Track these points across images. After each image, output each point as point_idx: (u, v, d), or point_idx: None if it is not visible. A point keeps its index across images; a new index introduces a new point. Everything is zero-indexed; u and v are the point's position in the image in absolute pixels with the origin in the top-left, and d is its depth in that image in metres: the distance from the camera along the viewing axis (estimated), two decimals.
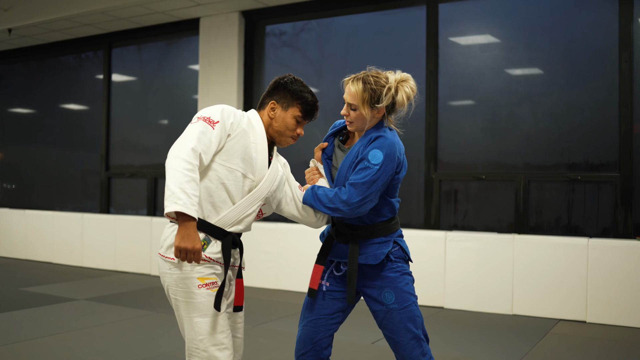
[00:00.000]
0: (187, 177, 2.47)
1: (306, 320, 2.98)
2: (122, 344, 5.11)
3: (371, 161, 2.77)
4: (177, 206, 2.43)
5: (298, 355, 2.98)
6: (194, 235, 2.48)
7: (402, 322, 2.87)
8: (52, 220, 9.86)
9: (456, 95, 7.20)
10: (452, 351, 4.92)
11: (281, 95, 2.85)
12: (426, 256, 6.68)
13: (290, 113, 2.84)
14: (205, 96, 8.40)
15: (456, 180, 7.06)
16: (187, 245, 2.46)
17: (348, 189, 2.77)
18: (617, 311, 5.93)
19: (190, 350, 2.65)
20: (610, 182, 6.28)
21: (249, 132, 2.74)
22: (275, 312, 6.36)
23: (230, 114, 2.69)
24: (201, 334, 2.61)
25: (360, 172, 2.78)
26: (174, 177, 2.46)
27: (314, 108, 2.92)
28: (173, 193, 2.44)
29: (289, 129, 2.85)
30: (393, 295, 2.88)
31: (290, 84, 2.86)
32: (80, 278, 8.41)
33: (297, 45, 8.26)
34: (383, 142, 2.80)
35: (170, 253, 2.65)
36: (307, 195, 2.91)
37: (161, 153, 9.37)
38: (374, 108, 2.82)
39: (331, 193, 2.83)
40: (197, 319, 2.62)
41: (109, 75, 9.82)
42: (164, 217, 8.80)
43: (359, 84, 2.85)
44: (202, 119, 2.63)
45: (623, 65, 6.21)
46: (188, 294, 2.63)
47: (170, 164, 2.50)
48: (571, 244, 6.16)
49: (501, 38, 6.98)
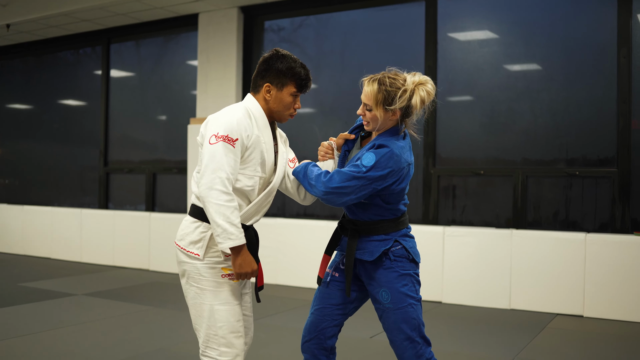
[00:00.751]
0: (230, 208, 2.58)
1: (314, 308, 3.04)
2: (121, 338, 5.12)
3: (362, 162, 2.77)
4: (232, 242, 2.59)
5: (303, 341, 3.03)
6: (249, 259, 2.66)
7: (396, 323, 2.88)
8: (50, 215, 9.86)
9: (455, 91, 7.21)
10: (450, 346, 4.94)
11: (274, 76, 2.83)
12: (424, 251, 6.66)
13: (286, 92, 2.84)
14: (204, 92, 8.40)
15: (454, 176, 7.07)
16: (247, 270, 2.67)
17: (332, 173, 2.81)
18: (615, 306, 5.94)
19: (208, 337, 2.72)
20: (608, 178, 6.29)
21: (259, 134, 2.76)
22: (273, 306, 6.37)
23: (242, 125, 2.70)
24: (221, 321, 2.70)
25: (349, 167, 2.82)
26: (219, 212, 2.57)
27: (307, 80, 2.89)
28: (225, 230, 2.57)
29: (287, 107, 2.87)
30: (389, 295, 2.88)
31: (280, 62, 2.82)
32: (78, 273, 8.42)
33: (295, 41, 8.26)
34: (381, 151, 2.76)
35: (193, 249, 2.75)
36: (299, 168, 2.93)
37: (160, 149, 9.37)
38: (388, 110, 2.80)
39: (319, 172, 2.86)
40: (218, 307, 2.71)
41: (107, 71, 9.81)
42: (162, 213, 8.81)
43: (374, 84, 2.81)
44: (222, 139, 2.64)
45: (621, 61, 6.22)
46: (212, 283, 2.73)
47: (209, 197, 2.58)
48: (569, 239, 6.18)
49: (500, 34, 6.99)
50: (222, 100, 8.22)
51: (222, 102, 8.20)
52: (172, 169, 9.03)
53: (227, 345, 2.70)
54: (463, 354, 4.78)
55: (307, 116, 8.11)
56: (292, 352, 4.68)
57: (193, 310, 2.77)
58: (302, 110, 8.16)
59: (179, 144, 8.91)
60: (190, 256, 2.74)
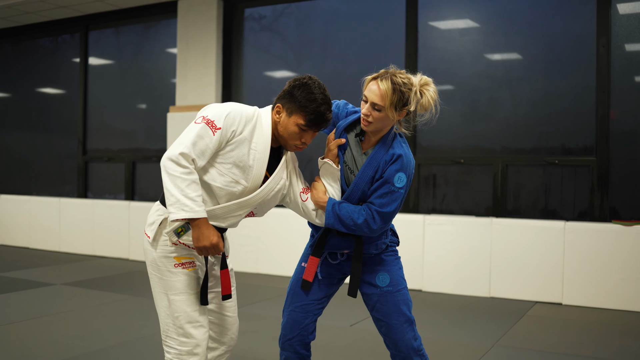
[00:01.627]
0: (186, 180, 2.47)
1: (294, 305, 2.94)
2: (101, 328, 5.09)
3: (396, 184, 2.70)
4: (185, 213, 2.47)
5: (284, 340, 2.94)
6: (207, 232, 2.54)
7: (397, 305, 2.87)
8: (28, 205, 9.76)
9: (435, 80, 7.16)
10: (430, 333, 4.96)
11: (288, 99, 2.65)
12: (405, 239, 6.65)
13: (292, 120, 2.63)
14: (184, 80, 8.33)
15: (435, 165, 7.09)
16: (205, 244, 2.54)
17: (376, 217, 2.70)
18: (593, 294, 6.00)
19: (167, 326, 2.67)
20: (587, 167, 6.34)
21: (251, 139, 2.62)
22: (254, 296, 6.36)
23: (234, 119, 2.57)
24: (177, 311, 2.64)
25: (386, 197, 2.71)
26: (174, 182, 2.46)
27: (320, 118, 2.64)
28: (178, 200, 2.46)
29: (292, 136, 2.65)
30: (388, 278, 2.89)
31: (299, 88, 2.64)
32: (57, 263, 8.35)
33: (276, 30, 8.21)
34: (406, 163, 2.73)
35: (147, 230, 2.72)
36: (329, 216, 2.75)
37: (139, 137, 9.30)
38: (400, 111, 2.70)
39: (356, 216, 2.71)
40: (172, 297, 2.65)
41: (85, 58, 9.70)
42: (142, 202, 8.76)
43: (388, 83, 2.64)
44: (206, 122, 2.53)
45: (601, 50, 6.25)
46: (165, 273, 2.66)
47: (166, 166, 2.49)
48: (548, 228, 6.22)
49: (480, 23, 6.99)
50: (201, 88, 8.17)
51: (202, 90, 8.15)
52: (151, 158, 8.96)
53: (185, 335, 2.64)
54: (443, 341, 4.80)
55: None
56: (273, 340, 4.68)
57: (154, 299, 2.74)
58: None
59: (158, 133, 8.85)
60: (149, 244, 2.70)
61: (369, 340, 4.77)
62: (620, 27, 6.23)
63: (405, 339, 2.87)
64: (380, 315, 2.90)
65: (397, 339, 2.87)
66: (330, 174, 2.81)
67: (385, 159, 2.74)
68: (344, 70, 7.69)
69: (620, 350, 4.66)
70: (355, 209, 2.74)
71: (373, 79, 2.71)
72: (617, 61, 6.24)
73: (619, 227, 5.95)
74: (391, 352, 2.94)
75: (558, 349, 4.65)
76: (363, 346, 4.66)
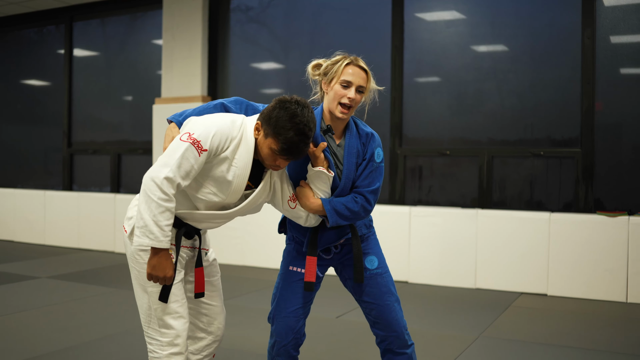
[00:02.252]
0: (161, 207, 2.41)
1: (287, 311, 2.90)
2: (86, 321, 5.07)
3: (377, 160, 2.78)
4: (149, 241, 2.43)
5: (279, 347, 2.90)
6: (165, 263, 2.49)
7: (387, 286, 2.91)
8: (13, 197, 9.69)
9: (421, 71, 7.21)
10: (416, 325, 4.97)
11: (266, 120, 2.54)
12: (391, 231, 6.73)
13: (267, 142, 2.53)
14: (169, 71, 8.29)
15: (421, 156, 7.09)
16: (159, 274, 2.50)
17: (369, 197, 2.77)
18: (577, 284, 6.04)
19: (149, 317, 2.67)
20: (572, 158, 6.37)
21: (233, 157, 2.55)
22: (241, 288, 6.36)
23: (220, 140, 2.49)
24: (155, 303, 2.63)
25: (371, 176, 2.78)
26: (148, 205, 2.41)
27: (294, 150, 2.51)
28: (146, 225, 2.42)
29: (267, 157, 2.56)
30: (376, 260, 2.93)
31: (279, 110, 2.52)
32: (42, 256, 8.31)
33: (263, 21, 8.18)
34: (378, 138, 2.84)
35: (125, 223, 2.70)
36: (331, 215, 2.73)
37: (124, 129, 9.25)
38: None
39: (352, 205, 2.75)
40: (150, 289, 2.63)
41: (70, 50, 9.63)
42: (127, 194, 8.72)
43: (364, 64, 2.77)
44: (192, 142, 2.44)
45: (586, 42, 6.28)
46: (142, 265, 2.62)
47: (147, 187, 2.43)
48: (533, 219, 6.25)
49: (466, 14, 6.99)
50: (187, 79, 8.13)
51: (188, 81, 8.11)
52: (137, 150, 8.92)
53: (165, 326, 2.63)
54: (429, 332, 4.82)
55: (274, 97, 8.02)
56: (261, 332, 4.68)
57: (134, 291, 2.73)
58: (269, 91, 8.13)
59: (144, 125, 8.80)
60: (127, 237, 2.68)
61: (355, 331, 4.78)
62: (605, 18, 6.26)
63: (397, 318, 2.91)
64: (371, 298, 2.90)
65: (390, 319, 2.90)
66: (321, 180, 2.76)
67: (361, 142, 2.80)
68: None
69: (605, 340, 4.69)
70: (348, 200, 2.76)
71: (348, 64, 2.75)
72: (602, 53, 6.27)
73: (604, 218, 5.99)
74: (381, 336, 2.93)
75: (543, 339, 4.68)
76: (349, 337, 4.67)
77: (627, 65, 6.31)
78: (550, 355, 4.31)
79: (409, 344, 2.95)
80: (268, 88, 8.14)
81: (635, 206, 6.12)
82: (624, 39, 6.31)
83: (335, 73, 2.75)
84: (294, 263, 2.93)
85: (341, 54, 2.79)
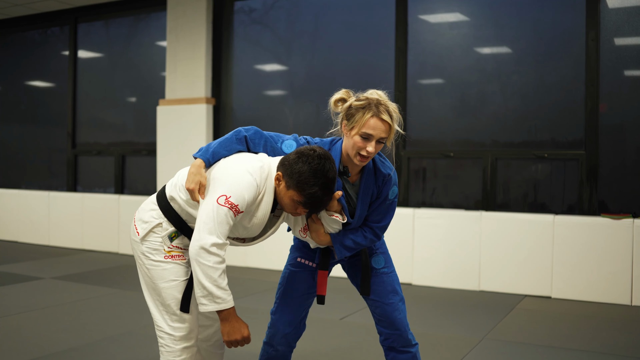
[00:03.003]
0: (218, 270, 2.47)
1: (293, 301, 2.96)
2: (89, 321, 5.07)
3: (390, 197, 2.80)
4: (217, 305, 2.48)
5: (281, 337, 2.96)
6: (237, 324, 2.54)
7: (392, 285, 2.94)
8: (17, 198, 9.71)
9: (425, 73, 7.21)
10: (420, 327, 4.97)
11: (288, 172, 2.54)
12: (394, 233, 6.70)
13: (289, 194, 2.55)
14: (173, 72, 8.29)
15: (424, 158, 7.09)
16: (237, 338, 2.55)
17: (378, 232, 2.83)
18: (582, 287, 6.03)
19: (160, 313, 2.72)
20: (576, 160, 6.35)
21: (256, 211, 2.60)
22: (243, 289, 6.36)
23: (251, 197, 2.53)
24: (168, 299, 2.68)
25: (383, 212, 2.82)
26: (206, 273, 2.45)
27: (318, 203, 2.55)
28: (211, 293, 2.46)
29: (288, 207, 2.61)
30: (383, 260, 2.97)
31: (302, 164, 2.51)
32: (46, 257, 8.31)
33: (267, 23, 8.18)
34: (394, 176, 2.83)
35: (138, 225, 2.76)
36: (340, 251, 2.79)
37: (128, 130, 9.26)
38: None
39: (361, 240, 2.80)
40: (163, 285, 2.69)
41: (74, 51, 9.64)
42: (131, 195, 8.73)
43: (386, 115, 2.61)
44: (230, 206, 2.48)
45: (590, 43, 6.26)
46: (153, 263, 2.71)
47: (199, 257, 2.46)
48: (537, 221, 6.24)
49: (470, 16, 6.99)
50: (191, 80, 8.13)
51: (191, 82, 8.12)
52: (141, 151, 8.93)
53: (180, 320, 2.69)
54: (432, 335, 4.81)
55: (277, 98, 8.06)
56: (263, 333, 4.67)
57: (144, 289, 2.78)
58: (272, 92, 8.13)
59: (148, 126, 8.81)
60: (138, 238, 2.74)
61: (358, 333, 4.78)
62: (609, 20, 6.24)
63: (401, 318, 2.94)
64: (376, 296, 2.94)
65: (394, 318, 2.92)
66: (333, 223, 2.77)
67: (377, 183, 2.79)
68: (333, 63, 7.68)
69: (609, 343, 4.68)
70: (357, 235, 2.80)
71: (372, 117, 2.60)
72: (606, 55, 6.26)
73: (608, 220, 5.97)
74: (385, 333, 2.96)
75: (547, 342, 4.67)
76: (353, 339, 4.67)
77: (631, 67, 6.30)
78: (554, 358, 4.30)
79: (413, 343, 2.98)
80: (271, 90, 8.14)
81: None
82: (628, 41, 6.29)
83: (357, 123, 2.62)
84: (303, 255, 3.00)
85: (365, 99, 2.65)
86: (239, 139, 2.73)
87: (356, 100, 2.66)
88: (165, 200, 2.73)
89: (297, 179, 2.50)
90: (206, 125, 7.96)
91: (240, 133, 2.74)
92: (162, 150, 8.27)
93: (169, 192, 2.73)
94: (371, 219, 2.82)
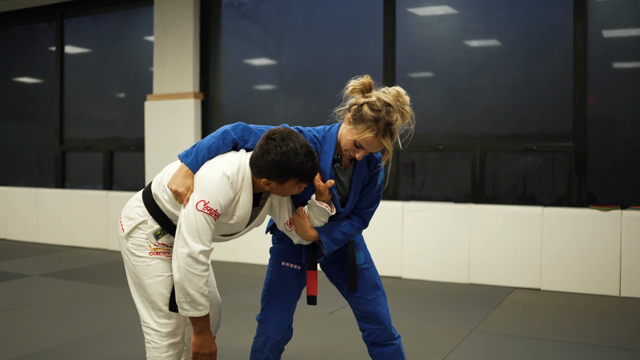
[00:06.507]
0: (203, 278, 2.52)
1: (280, 307, 2.90)
2: (78, 318, 5.05)
3: (378, 183, 2.79)
4: (198, 312, 2.54)
5: (272, 343, 2.90)
6: (209, 339, 2.63)
7: (373, 280, 2.92)
8: (5, 195, 9.65)
9: (414, 67, 7.19)
10: (410, 320, 4.97)
11: (274, 175, 2.53)
12: (384, 227, 6.72)
13: (288, 184, 2.57)
14: (161, 67, 8.25)
15: (413, 151, 7.08)
16: (206, 352, 2.64)
17: (365, 218, 2.82)
18: (571, 279, 6.04)
19: (146, 309, 2.72)
20: (565, 152, 6.36)
21: (236, 207, 2.61)
22: (233, 284, 6.35)
23: (228, 199, 2.54)
24: (153, 295, 2.69)
25: (371, 198, 2.81)
26: (190, 280, 2.49)
27: (314, 171, 2.57)
28: (193, 300, 2.51)
29: (290, 192, 2.63)
30: (363, 255, 2.94)
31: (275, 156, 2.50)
32: (35, 254, 8.27)
33: (256, 17, 8.15)
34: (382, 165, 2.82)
35: (123, 222, 2.77)
36: (329, 245, 2.75)
37: (117, 126, 9.21)
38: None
39: (348, 229, 2.78)
40: (148, 281, 2.69)
41: (61, 46, 9.57)
42: (120, 192, 8.69)
43: (387, 137, 2.60)
44: (209, 211, 2.49)
45: (577, 36, 6.27)
46: (139, 259, 2.71)
47: (184, 264, 2.48)
48: (526, 213, 6.25)
49: (459, 9, 6.97)
50: (179, 75, 8.09)
51: (179, 77, 8.08)
52: (129, 147, 8.89)
53: (166, 316, 2.69)
54: (422, 328, 4.81)
55: (266, 93, 8.03)
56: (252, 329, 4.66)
57: (130, 285, 2.78)
58: (261, 86, 8.10)
59: (136, 121, 8.77)
60: (124, 235, 2.75)
61: (348, 327, 4.77)
62: (597, 13, 6.25)
63: (384, 312, 2.92)
64: (359, 292, 2.91)
65: (378, 313, 2.90)
66: (321, 213, 2.73)
67: (369, 169, 2.78)
68: (323, 57, 7.66)
69: (599, 334, 4.69)
70: (344, 225, 2.78)
71: (374, 136, 2.58)
72: (594, 47, 6.26)
73: (597, 212, 5.99)
74: (369, 329, 2.92)
75: (537, 334, 4.68)
76: (343, 333, 4.66)
77: (619, 59, 6.31)
78: (543, 350, 4.31)
79: (396, 336, 2.97)
80: (260, 84, 8.11)
81: (628, 200, 6.12)
82: (615, 33, 6.30)
83: (357, 130, 2.58)
84: (287, 259, 2.94)
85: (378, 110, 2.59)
86: (226, 143, 2.68)
87: (371, 105, 2.59)
88: (150, 198, 2.73)
89: (288, 171, 2.50)
90: (194, 120, 7.93)
91: (229, 135, 2.69)
92: (151, 145, 8.23)
93: (154, 190, 2.73)
94: (360, 205, 2.80)
